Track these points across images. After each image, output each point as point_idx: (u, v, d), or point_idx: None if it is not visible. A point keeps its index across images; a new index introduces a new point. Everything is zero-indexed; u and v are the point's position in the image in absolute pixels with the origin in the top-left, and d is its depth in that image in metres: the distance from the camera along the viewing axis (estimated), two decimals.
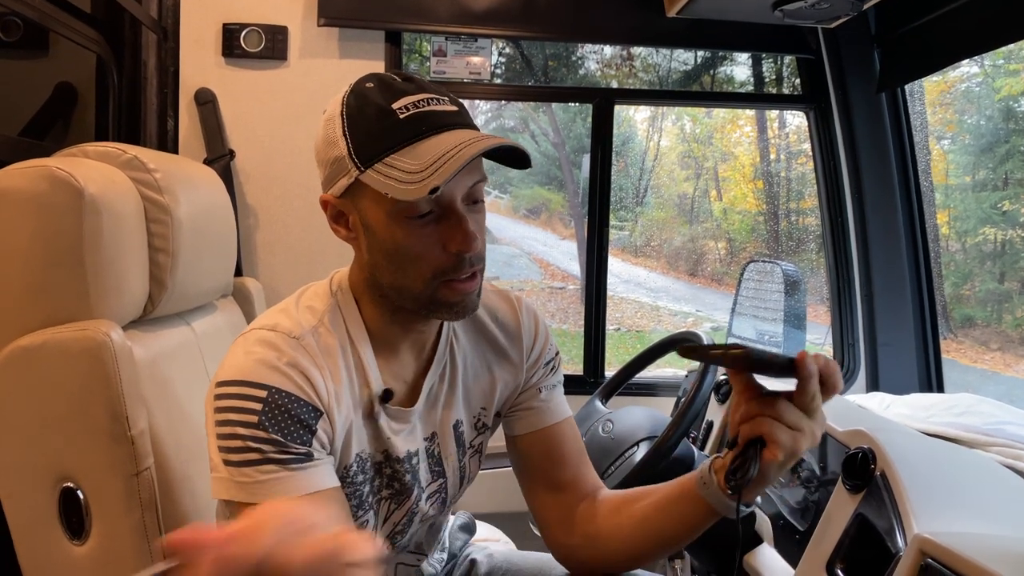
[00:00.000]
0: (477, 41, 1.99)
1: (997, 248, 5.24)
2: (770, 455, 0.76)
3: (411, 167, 0.76)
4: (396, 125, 0.78)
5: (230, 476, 0.77)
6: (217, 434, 0.78)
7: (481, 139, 0.77)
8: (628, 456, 1.34)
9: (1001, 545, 0.83)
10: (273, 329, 0.82)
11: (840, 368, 2.16)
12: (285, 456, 0.77)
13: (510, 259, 6.93)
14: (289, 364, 0.79)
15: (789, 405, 0.76)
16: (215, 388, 0.79)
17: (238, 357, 0.80)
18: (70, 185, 0.96)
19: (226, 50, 1.87)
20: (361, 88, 0.82)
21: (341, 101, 0.82)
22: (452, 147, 0.76)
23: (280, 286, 1.90)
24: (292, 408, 0.78)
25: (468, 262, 0.82)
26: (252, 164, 1.91)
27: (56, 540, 0.98)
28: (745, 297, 2.22)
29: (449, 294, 0.83)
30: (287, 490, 0.76)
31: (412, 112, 0.79)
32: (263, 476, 0.76)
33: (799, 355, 0.74)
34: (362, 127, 0.80)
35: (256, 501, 0.75)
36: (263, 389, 0.77)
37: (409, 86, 0.81)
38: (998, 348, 5.02)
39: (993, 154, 5.25)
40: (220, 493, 0.78)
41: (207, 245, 1.32)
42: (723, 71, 5.49)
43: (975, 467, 1.15)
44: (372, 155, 0.78)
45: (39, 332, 0.96)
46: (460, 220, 0.80)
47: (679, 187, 7.11)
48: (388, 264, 0.83)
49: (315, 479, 0.79)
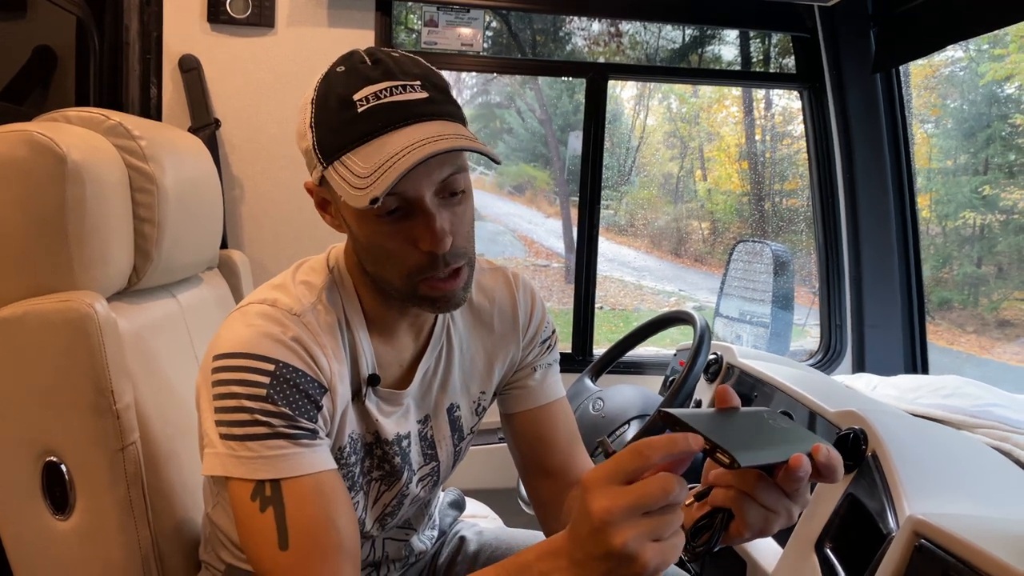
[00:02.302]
0: (469, 12, 1.95)
1: (976, 232, 5.30)
2: (736, 532, 0.65)
3: (360, 170, 0.72)
4: (353, 120, 0.74)
5: (230, 451, 0.74)
6: (218, 407, 0.75)
7: (435, 140, 0.72)
8: (619, 434, 1.34)
9: (995, 526, 0.84)
10: (273, 304, 0.80)
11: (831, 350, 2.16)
12: (294, 431, 0.75)
13: (494, 236, 6.89)
14: (294, 339, 0.78)
15: (769, 485, 0.63)
16: (214, 361, 0.77)
17: (239, 330, 0.78)
18: (52, 151, 0.93)
19: (211, 16, 1.82)
20: (332, 72, 0.77)
21: (315, 86, 0.78)
22: (400, 150, 0.71)
23: (266, 259, 1.87)
24: (300, 382, 0.76)
25: (443, 261, 0.78)
26: (238, 134, 1.87)
27: (39, 515, 0.96)
28: (734, 277, 2.22)
29: (429, 291, 0.80)
30: (292, 468, 0.74)
31: (371, 105, 0.73)
32: (269, 452, 0.74)
33: (792, 460, 0.60)
34: (324, 120, 0.76)
35: (258, 478, 0.73)
36: (270, 363, 0.75)
37: (374, 72, 0.75)
38: (974, 331, 5.09)
39: (975, 139, 5.28)
40: (215, 469, 0.75)
41: (193, 216, 1.28)
42: (711, 50, 5.46)
43: (965, 449, 1.16)
44: (331, 151, 0.75)
45: (20, 303, 0.93)
46: (428, 218, 0.75)
47: (664, 166, 7.09)
48: (367, 256, 0.82)
49: (321, 459, 0.77)
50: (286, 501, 0.73)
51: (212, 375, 0.76)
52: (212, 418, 0.76)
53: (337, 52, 0.82)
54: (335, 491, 0.78)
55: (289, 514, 0.73)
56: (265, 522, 0.73)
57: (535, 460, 1.01)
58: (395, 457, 0.91)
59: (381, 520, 0.95)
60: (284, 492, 0.74)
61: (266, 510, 0.73)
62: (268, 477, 0.73)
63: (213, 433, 0.76)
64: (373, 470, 0.91)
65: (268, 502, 0.73)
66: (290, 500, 0.73)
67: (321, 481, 0.76)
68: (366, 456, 0.90)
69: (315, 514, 0.74)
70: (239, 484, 0.74)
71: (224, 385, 0.75)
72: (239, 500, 0.75)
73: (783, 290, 2.06)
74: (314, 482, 0.75)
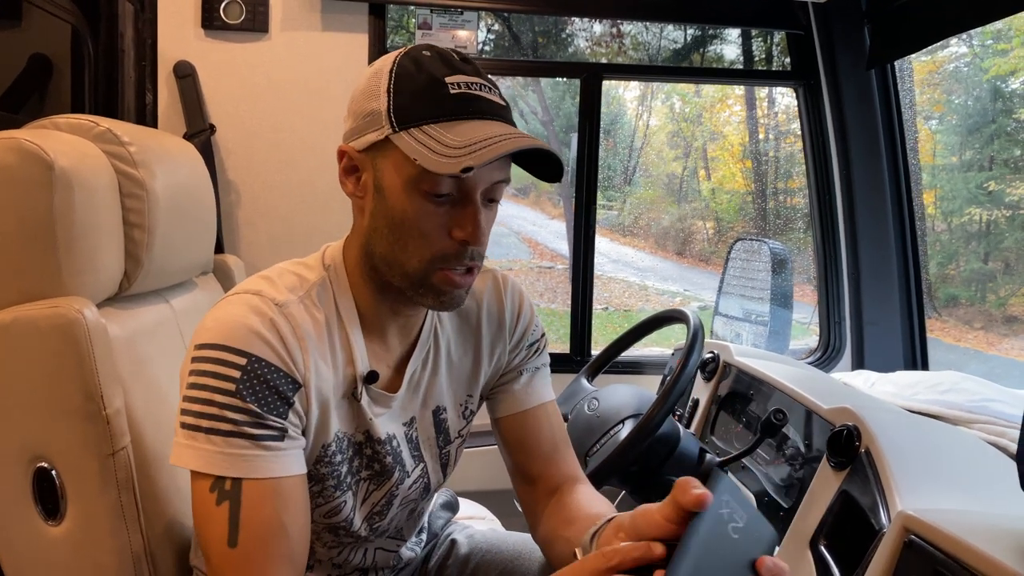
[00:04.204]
0: (463, 14, 1.95)
1: (982, 228, 5.26)
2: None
3: (450, 141, 0.74)
4: (445, 98, 0.77)
5: (190, 442, 0.74)
6: (187, 396, 0.76)
7: (524, 137, 0.77)
8: (613, 434, 1.34)
9: (984, 521, 0.83)
10: (258, 294, 0.80)
11: (830, 347, 2.15)
12: (259, 431, 0.75)
13: (498, 238, 6.89)
14: (271, 331, 0.77)
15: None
16: (193, 351, 0.77)
17: (218, 320, 0.78)
18: (39, 158, 0.93)
19: (205, 22, 1.83)
20: (417, 53, 0.80)
21: (393, 59, 0.80)
22: (495, 135, 0.75)
23: (261, 264, 1.85)
24: (271, 378, 0.76)
25: (469, 254, 0.80)
26: (233, 139, 1.88)
27: (31, 521, 0.96)
28: (732, 275, 2.21)
29: (441, 282, 0.81)
30: (254, 470, 0.74)
31: (463, 91, 0.78)
32: (231, 449, 0.74)
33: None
34: (409, 89, 0.78)
35: (217, 473, 0.73)
36: (243, 356, 0.75)
37: (466, 67, 0.80)
38: (981, 327, 5.06)
39: (980, 134, 5.25)
40: (178, 459, 0.75)
41: (185, 221, 1.29)
42: (712, 50, 5.46)
43: (959, 444, 1.15)
44: (411, 119, 0.77)
45: (9, 310, 0.94)
46: (475, 209, 0.79)
47: (668, 167, 7.08)
48: (389, 233, 0.81)
49: (283, 464, 0.76)
50: (243, 500, 0.74)
51: (190, 364, 0.77)
52: (181, 406, 0.76)
53: (331, 56, 0.83)
54: (293, 497, 0.77)
55: (243, 514, 0.73)
56: (219, 515, 0.73)
57: (519, 464, 1.01)
58: (387, 456, 0.91)
59: (370, 520, 0.94)
60: (243, 491, 0.74)
61: (221, 504, 0.73)
62: (229, 475, 0.74)
63: (178, 422, 0.76)
64: (362, 469, 0.91)
65: (225, 496, 0.73)
66: (247, 500, 0.74)
67: (281, 486, 0.76)
68: (355, 455, 0.90)
69: (268, 518, 0.74)
70: (200, 475, 0.74)
71: (197, 375, 0.75)
72: (198, 490, 0.75)
73: (782, 288, 2.05)
74: (274, 486, 0.75)
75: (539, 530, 0.98)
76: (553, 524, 0.93)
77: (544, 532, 0.97)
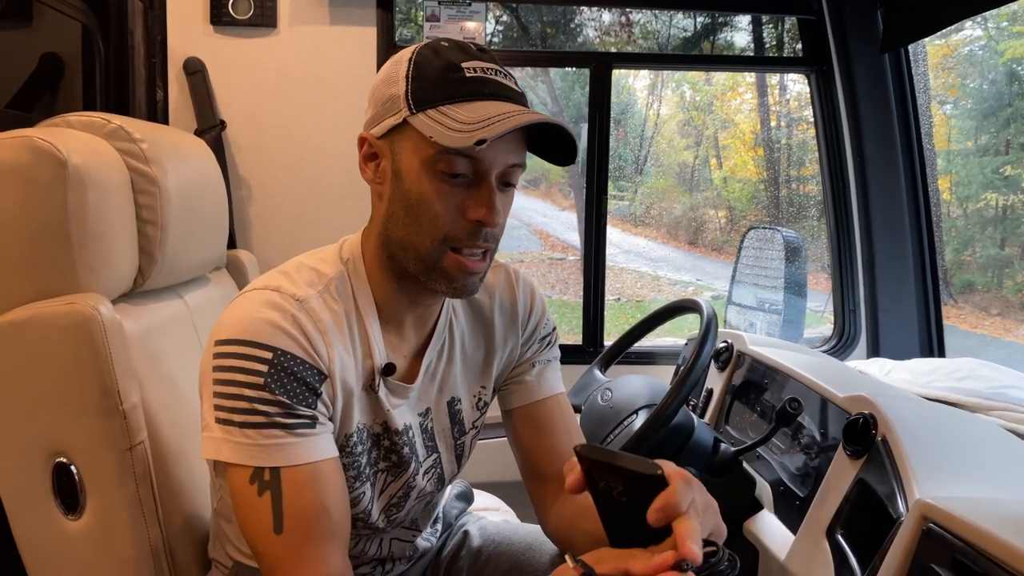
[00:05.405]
0: (471, 5, 1.94)
1: (998, 213, 5.20)
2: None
3: (463, 118, 0.76)
4: (460, 80, 0.79)
5: (227, 436, 0.76)
6: (217, 392, 0.77)
7: (536, 113, 0.78)
8: (627, 424, 1.34)
9: (1003, 509, 0.82)
10: (277, 290, 0.81)
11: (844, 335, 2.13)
12: (290, 420, 0.77)
13: (510, 230, 6.80)
14: (294, 326, 0.79)
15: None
16: (216, 346, 0.78)
17: (240, 315, 0.79)
18: (53, 156, 0.94)
19: (214, 18, 1.83)
20: (436, 44, 0.83)
21: (413, 49, 0.83)
22: (508, 111, 0.77)
23: (274, 259, 1.87)
24: (297, 370, 0.77)
25: (483, 236, 0.81)
26: (244, 135, 1.88)
27: (51, 515, 0.97)
28: (745, 264, 2.20)
29: (453, 265, 0.82)
30: (290, 457, 0.76)
31: (479, 74, 0.80)
32: (266, 440, 0.75)
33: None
34: (426, 74, 0.80)
35: (256, 464, 0.75)
36: (268, 351, 0.76)
37: (483, 55, 0.83)
38: (998, 313, 5.01)
39: (996, 118, 5.19)
40: (211, 453, 0.77)
41: (198, 217, 1.30)
42: (723, 37, 5.40)
43: (976, 431, 1.14)
44: (428, 101, 0.79)
45: (26, 307, 0.94)
46: (490, 191, 0.80)
47: (679, 156, 7.04)
48: (405, 216, 0.82)
49: (318, 448, 0.79)
50: (284, 488, 0.76)
51: (213, 360, 0.78)
52: (213, 402, 0.77)
53: (340, 50, 0.84)
54: (331, 479, 0.79)
55: (286, 501, 0.75)
56: (262, 506, 0.75)
57: (530, 459, 1.01)
58: (404, 447, 0.92)
59: (387, 511, 0.95)
60: (283, 479, 0.76)
61: (264, 494, 0.75)
62: (267, 465, 0.75)
63: (210, 416, 0.77)
64: (380, 461, 0.92)
65: (266, 487, 0.76)
66: (287, 487, 0.76)
67: (318, 469, 0.78)
68: (373, 447, 0.91)
69: (310, 501, 0.76)
70: (238, 468, 0.76)
71: (224, 371, 0.77)
72: (238, 483, 0.77)
73: (795, 276, 2.04)
74: (312, 470, 0.77)
75: (551, 523, 0.99)
76: (568, 515, 0.94)
77: (557, 525, 0.97)
